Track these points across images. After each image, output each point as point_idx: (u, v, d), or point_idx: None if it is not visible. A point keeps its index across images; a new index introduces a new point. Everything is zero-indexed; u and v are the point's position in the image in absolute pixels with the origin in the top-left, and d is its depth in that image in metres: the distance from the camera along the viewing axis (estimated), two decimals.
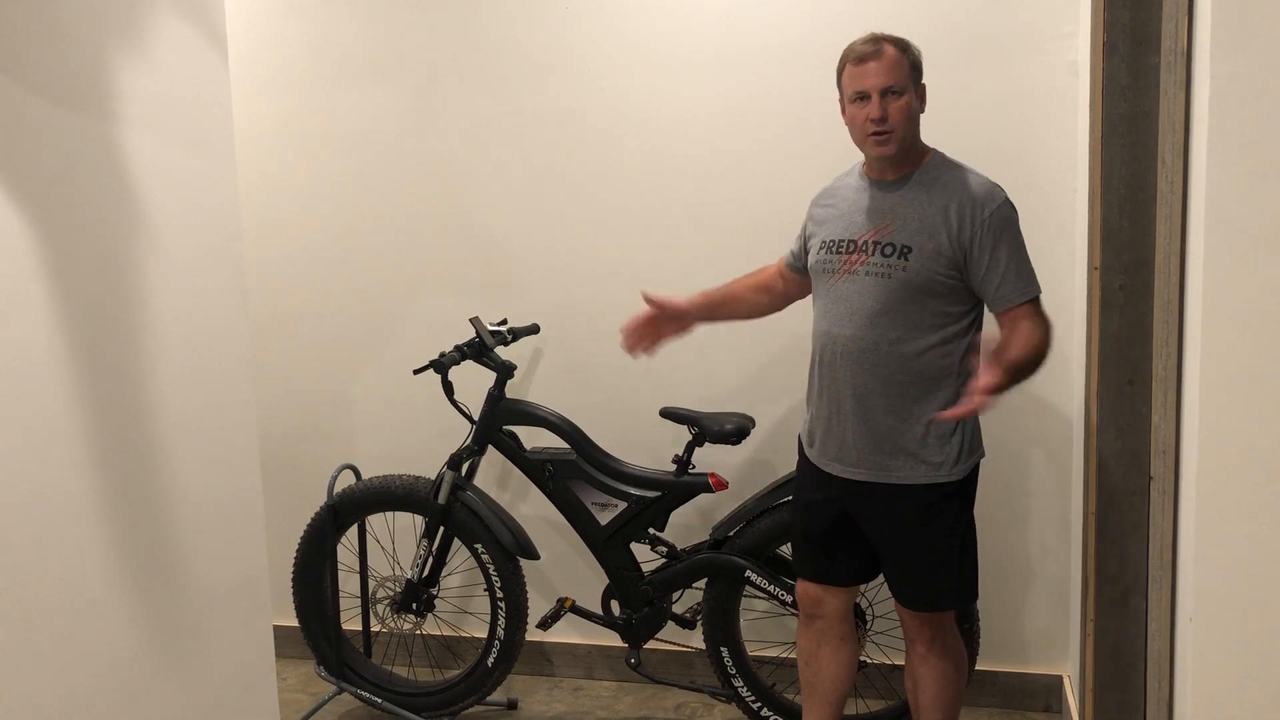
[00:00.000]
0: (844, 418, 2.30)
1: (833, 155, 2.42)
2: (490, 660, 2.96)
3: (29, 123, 1.73)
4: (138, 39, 1.96)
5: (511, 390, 3.06)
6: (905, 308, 2.21)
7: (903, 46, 2.22)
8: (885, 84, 2.18)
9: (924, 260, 2.18)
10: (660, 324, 2.59)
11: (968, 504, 2.31)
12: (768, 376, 3.10)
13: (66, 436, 1.80)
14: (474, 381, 3.02)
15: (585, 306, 3.20)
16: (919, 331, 2.21)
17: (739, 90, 3.02)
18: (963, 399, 2.11)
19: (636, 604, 2.90)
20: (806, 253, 2.45)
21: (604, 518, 2.88)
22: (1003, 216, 2.17)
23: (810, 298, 2.52)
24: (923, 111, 2.26)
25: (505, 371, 2.97)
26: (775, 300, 2.62)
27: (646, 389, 3.16)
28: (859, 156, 2.42)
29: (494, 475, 3.33)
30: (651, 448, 3.11)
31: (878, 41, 2.21)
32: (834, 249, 2.32)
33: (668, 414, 2.88)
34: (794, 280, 2.57)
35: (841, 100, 2.29)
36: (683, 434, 2.86)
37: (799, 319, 2.82)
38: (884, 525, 2.31)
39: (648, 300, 2.56)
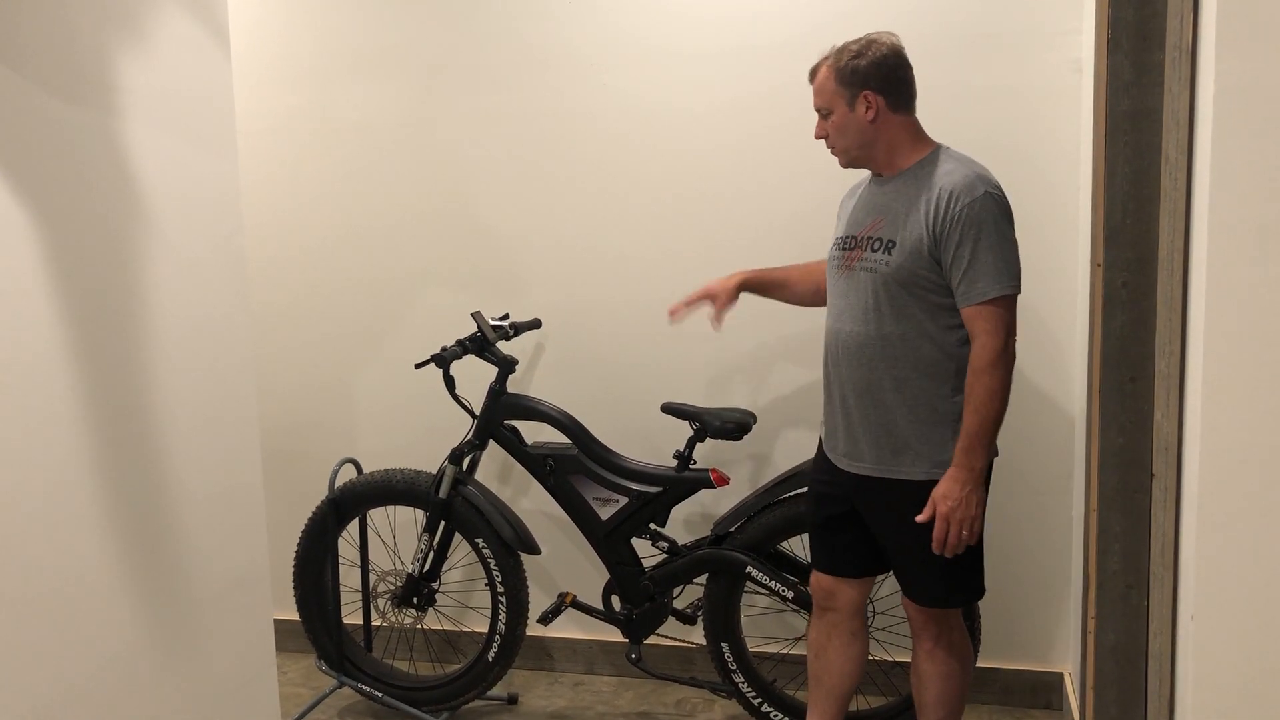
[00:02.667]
0: (848, 412, 2.31)
1: None
2: (491, 655, 2.96)
3: (31, 115, 1.73)
4: (140, 32, 1.96)
5: (513, 385, 3.06)
6: (895, 302, 2.22)
7: (835, 62, 2.24)
8: (816, 105, 2.31)
9: (906, 254, 2.19)
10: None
11: None
12: (770, 372, 3.10)
13: (67, 430, 1.80)
14: (475, 376, 3.02)
15: (587, 301, 3.20)
16: (913, 325, 2.22)
17: (742, 86, 3.02)
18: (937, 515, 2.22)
19: (637, 599, 2.90)
20: None
21: (605, 513, 2.88)
22: (977, 210, 2.14)
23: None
24: (870, 118, 2.22)
25: (507, 366, 2.97)
26: (822, 298, 2.57)
27: (648, 384, 3.16)
28: None
29: (495, 470, 3.33)
30: (653, 443, 3.11)
31: (820, 63, 2.29)
32: (841, 245, 2.35)
33: (669, 409, 2.88)
34: None
35: None
36: (684, 429, 2.86)
37: (800, 316, 2.83)
38: (888, 520, 2.32)
39: (693, 301, 2.64)
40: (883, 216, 2.25)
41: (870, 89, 2.22)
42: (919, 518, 2.22)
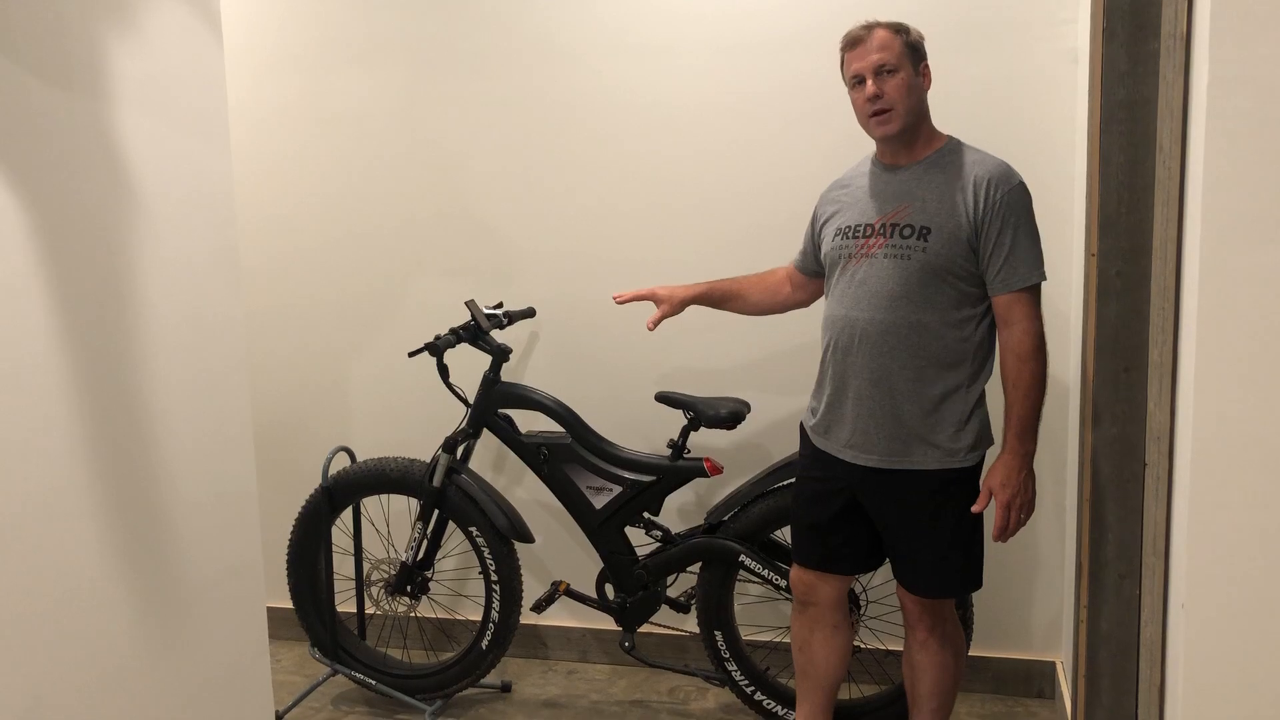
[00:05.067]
0: (859, 402, 2.27)
1: (832, 147, 2.41)
2: (484, 643, 2.97)
3: (20, 103, 1.72)
4: (131, 18, 1.95)
5: (507, 374, 3.06)
6: (924, 289, 2.20)
7: (896, 29, 2.23)
8: (877, 62, 2.20)
9: (944, 241, 2.18)
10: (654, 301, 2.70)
11: (977, 492, 2.30)
12: (763, 362, 3.10)
13: (59, 420, 1.80)
14: (469, 365, 3.02)
15: (581, 290, 3.20)
16: (937, 313, 2.20)
17: (738, 81, 3.01)
18: (997, 507, 2.22)
19: (631, 588, 2.91)
20: (818, 247, 2.45)
21: (599, 501, 2.88)
22: (1016, 199, 2.17)
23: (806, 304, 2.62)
24: (928, 89, 2.26)
25: (500, 355, 2.96)
26: (779, 303, 2.66)
27: (642, 373, 3.16)
28: (859, 148, 2.41)
29: (489, 459, 3.33)
30: (647, 432, 3.11)
31: (870, 27, 2.24)
32: (849, 234, 2.30)
33: (663, 398, 2.88)
34: (802, 284, 2.58)
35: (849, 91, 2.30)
36: (678, 418, 2.86)
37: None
38: (895, 511, 2.30)
39: (640, 298, 2.70)
40: (907, 203, 2.23)
41: (926, 64, 2.26)
42: (975, 508, 2.23)
